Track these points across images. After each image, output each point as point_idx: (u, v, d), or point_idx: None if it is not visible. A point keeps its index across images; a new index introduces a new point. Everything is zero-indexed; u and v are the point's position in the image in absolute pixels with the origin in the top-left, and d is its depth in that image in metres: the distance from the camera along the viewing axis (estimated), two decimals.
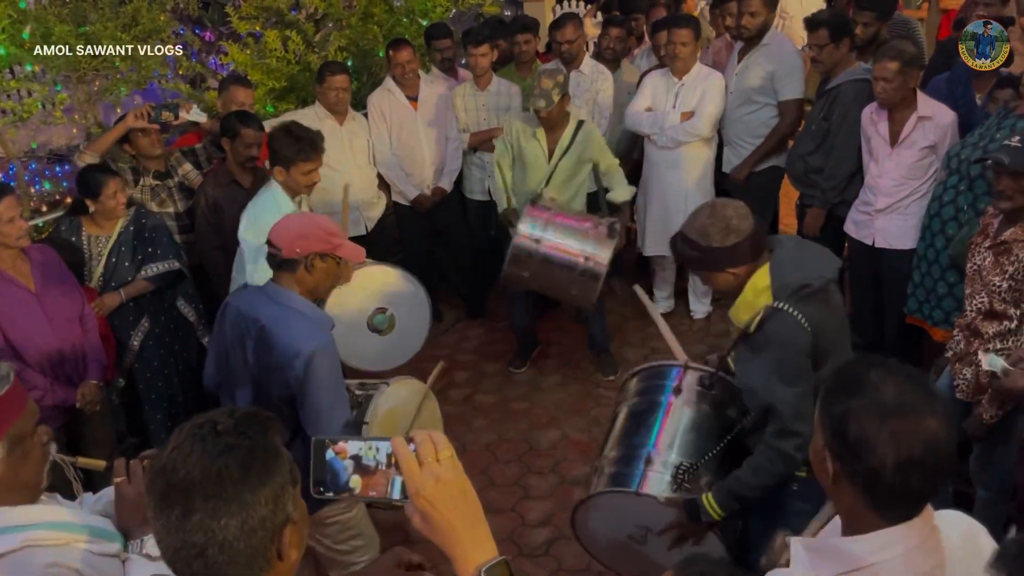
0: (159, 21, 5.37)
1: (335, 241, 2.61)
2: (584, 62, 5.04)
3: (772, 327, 2.24)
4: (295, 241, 2.56)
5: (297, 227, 2.60)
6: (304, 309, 2.59)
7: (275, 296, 2.60)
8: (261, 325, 2.57)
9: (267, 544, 1.18)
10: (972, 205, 3.61)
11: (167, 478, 1.17)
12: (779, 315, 2.22)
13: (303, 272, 2.58)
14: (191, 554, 1.15)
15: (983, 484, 3.07)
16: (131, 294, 3.87)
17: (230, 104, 4.32)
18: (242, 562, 1.16)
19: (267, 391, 2.60)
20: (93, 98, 5.31)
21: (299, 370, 2.49)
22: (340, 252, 2.63)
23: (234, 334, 2.68)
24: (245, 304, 2.67)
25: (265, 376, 2.60)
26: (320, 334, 2.55)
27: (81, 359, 3.47)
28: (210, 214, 4.04)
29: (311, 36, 5.64)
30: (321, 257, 2.59)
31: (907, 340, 4.27)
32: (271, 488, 1.18)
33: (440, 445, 1.15)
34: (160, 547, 1.19)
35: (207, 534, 1.14)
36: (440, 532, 1.14)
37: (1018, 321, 2.84)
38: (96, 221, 3.80)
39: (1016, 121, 3.45)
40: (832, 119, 4.37)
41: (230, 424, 1.21)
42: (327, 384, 2.53)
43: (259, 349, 2.59)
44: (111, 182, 3.71)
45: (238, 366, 2.69)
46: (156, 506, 1.17)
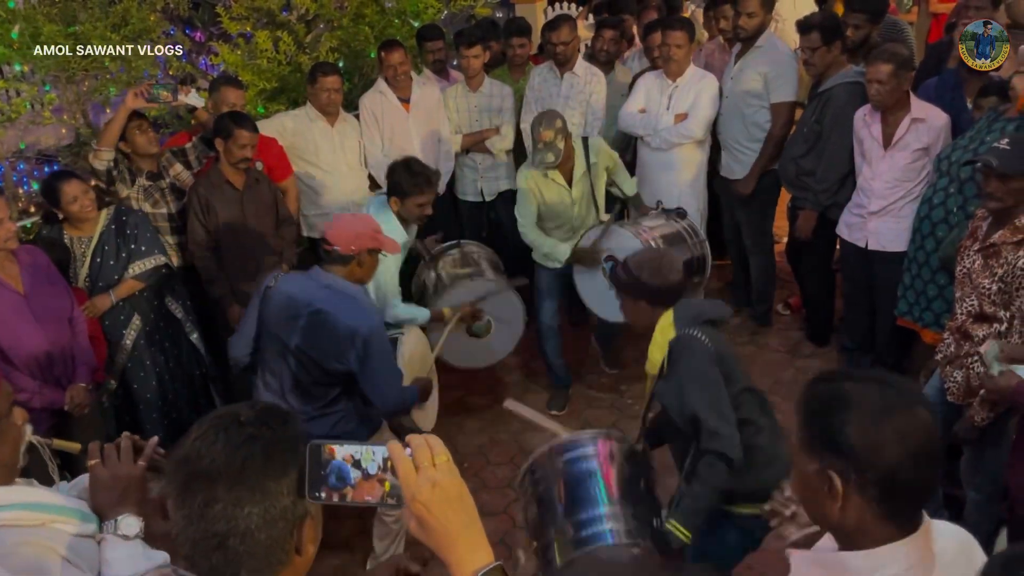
0: (149, 21, 5.34)
1: (381, 239, 3.08)
2: (577, 64, 5.04)
3: (678, 348, 2.53)
4: (351, 240, 3.01)
5: (352, 228, 3.04)
6: (356, 294, 3.03)
7: (327, 282, 3.01)
8: (317, 308, 2.96)
9: (287, 536, 1.19)
10: (962, 207, 3.62)
11: (190, 467, 1.17)
12: (682, 337, 2.53)
13: (354, 265, 3.03)
14: (211, 545, 1.15)
15: (974, 487, 3.08)
16: (122, 295, 3.85)
17: (221, 105, 4.30)
18: (261, 554, 1.16)
19: (313, 365, 2.99)
20: (82, 98, 5.27)
21: (359, 348, 2.92)
22: (383, 247, 3.10)
23: (281, 316, 3.04)
24: (297, 289, 3.04)
25: (315, 352, 2.98)
26: (372, 316, 3.02)
27: (70, 361, 3.45)
28: (202, 215, 4.03)
29: (302, 37, 5.62)
30: (369, 252, 3.05)
31: (898, 343, 4.29)
32: (292, 479, 1.19)
33: (436, 449, 1.15)
34: (179, 540, 1.19)
35: (229, 523, 1.14)
36: (436, 537, 1.13)
37: (1008, 323, 2.86)
38: (72, 224, 3.78)
39: (1006, 124, 3.48)
40: (824, 122, 4.38)
41: (252, 416, 1.22)
42: (385, 357, 3.01)
43: (312, 330, 2.97)
44: (67, 188, 3.66)
45: (278, 344, 3.05)
46: (178, 495, 1.17)
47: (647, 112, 4.89)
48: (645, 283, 2.65)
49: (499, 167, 5.25)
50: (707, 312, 2.63)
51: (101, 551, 1.60)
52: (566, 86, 5.01)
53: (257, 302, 3.15)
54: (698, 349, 2.50)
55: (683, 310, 2.63)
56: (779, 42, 4.88)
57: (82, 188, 3.71)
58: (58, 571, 1.54)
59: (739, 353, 4.87)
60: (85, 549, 1.59)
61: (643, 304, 2.69)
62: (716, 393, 2.47)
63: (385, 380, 3.03)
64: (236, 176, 4.06)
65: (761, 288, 5.25)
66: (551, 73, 5.07)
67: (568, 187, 4.28)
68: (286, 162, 4.63)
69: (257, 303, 3.15)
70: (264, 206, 4.18)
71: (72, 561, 1.55)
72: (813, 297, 5.01)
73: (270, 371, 3.14)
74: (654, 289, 2.65)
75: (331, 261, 3.03)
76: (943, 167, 3.71)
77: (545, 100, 5.03)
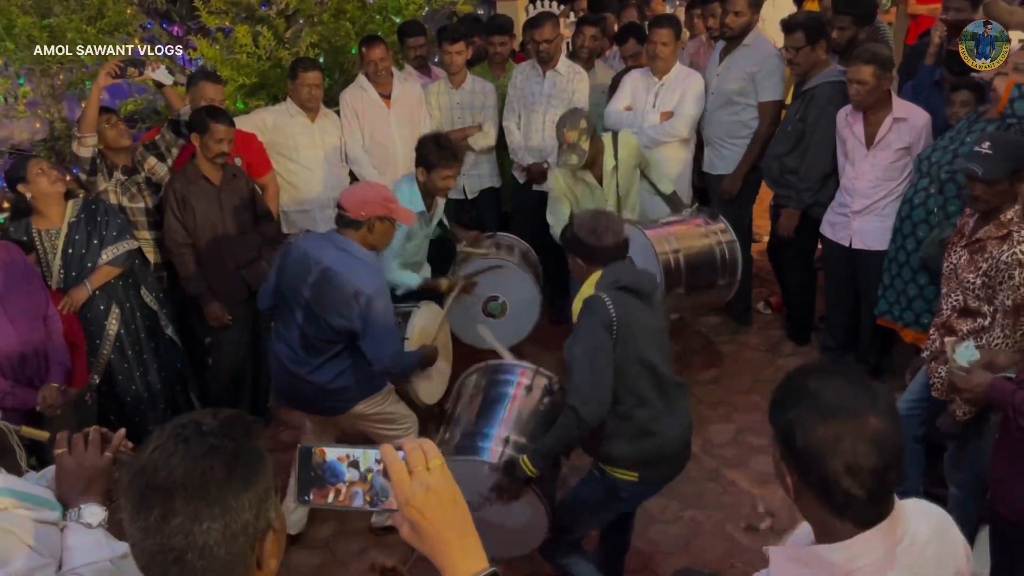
0: (125, 14, 5.25)
1: (391, 207, 3.21)
2: (560, 62, 5.02)
3: (583, 307, 2.71)
4: (361, 206, 3.16)
5: (362, 195, 3.21)
6: (365, 257, 3.18)
7: (340, 244, 3.18)
8: (326, 267, 3.14)
9: (247, 551, 1.14)
10: (943, 207, 3.65)
11: (147, 478, 1.11)
12: (591, 298, 2.70)
13: (365, 231, 3.18)
14: (168, 559, 1.10)
15: (956, 483, 3.10)
16: (98, 282, 3.80)
17: (199, 100, 4.24)
18: (220, 569, 1.11)
19: (320, 319, 3.18)
20: (57, 92, 5.19)
21: (361, 306, 3.09)
22: (396, 216, 3.24)
23: (295, 270, 3.22)
24: (313, 247, 3.23)
25: (320, 308, 3.16)
26: (378, 278, 3.18)
27: (43, 361, 3.38)
28: (178, 211, 3.97)
29: (282, 32, 5.56)
30: (380, 220, 3.19)
31: (879, 342, 4.31)
32: (255, 493, 1.14)
33: (430, 454, 1.12)
34: (134, 551, 1.14)
35: (187, 538, 1.09)
36: (429, 542, 1.10)
37: (991, 318, 2.88)
38: (41, 212, 3.71)
39: (986, 124, 3.50)
40: (808, 120, 4.39)
41: (215, 425, 1.16)
42: (385, 318, 3.15)
43: (320, 286, 3.15)
44: (32, 163, 3.65)
45: (292, 296, 3.24)
46: (133, 507, 1.12)
47: (633, 110, 4.88)
48: (580, 240, 2.79)
49: (482, 165, 5.23)
50: (624, 280, 2.72)
51: (63, 538, 1.60)
52: (549, 84, 4.99)
53: (279, 256, 3.39)
54: (597, 311, 2.64)
55: (608, 274, 2.74)
56: (766, 41, 4.88)
57: (45, 165, 3.68)
58: (20, 557, 1.53)
59: (720, 351, 4.98)
60: (47, 536, 1.59)
61: (578, 261, 2.85)
62: (594, 355, 2.62)
63: (383, 339, 3.16)
64: (213, 171, 4.00)
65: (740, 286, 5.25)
66: (534, 71, 5.05)
67: (600, 186, 4.25)
68: (266, 158, 4.59)
69: (280, 257, 3.37)
70: (242, 201, 4.13)
71: (34, 547, 1.55)
72: (794, 296, 5.02)
73: (283, 322, 3.35)
74: (587, 248, 2.78)
75: (344, 225, 3.20)
76: (923, 167, 3.73)
77: (528, 99, 5.01)
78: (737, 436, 4.24)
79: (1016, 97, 3.31)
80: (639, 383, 2.72)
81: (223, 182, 4.04)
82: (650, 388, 2.74)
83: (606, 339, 2.64)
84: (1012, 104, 3.32)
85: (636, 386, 2.71)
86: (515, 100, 5.06)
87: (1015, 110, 3.32)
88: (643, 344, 2.70)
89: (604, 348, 2.64)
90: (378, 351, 3.18)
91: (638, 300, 2.73)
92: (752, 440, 4.15)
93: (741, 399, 4.48)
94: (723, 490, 3.87)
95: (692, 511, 3.74)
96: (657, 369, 2.74)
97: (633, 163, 4.34)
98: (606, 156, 4.24)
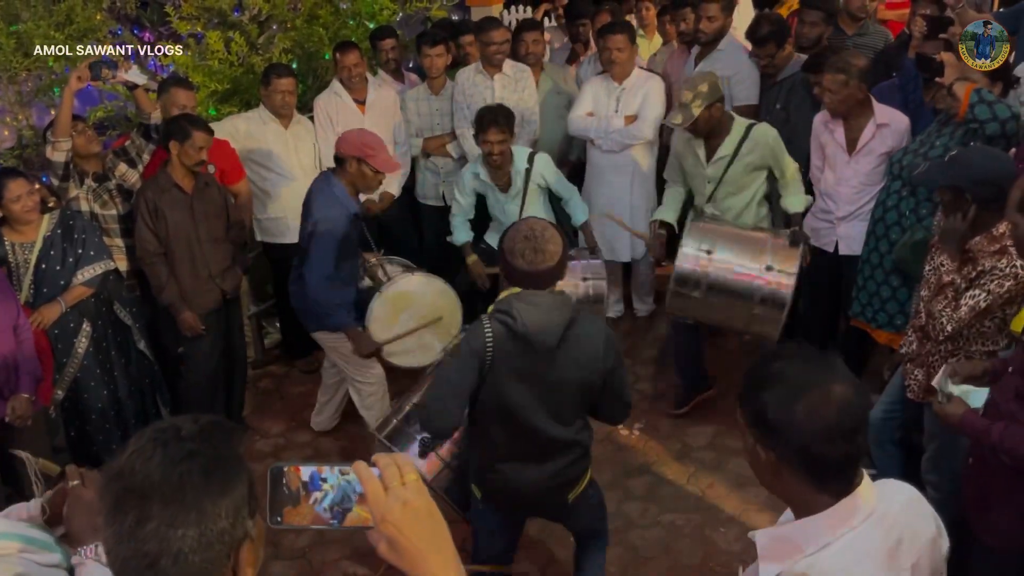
0: (95, 20, 5.19)
1: (367, 152, 3.57)
2: (505, 64, 4.99)
3: (471, 325, 2.72)
4: (340, 143, 3.64)
5: (347, 135, 3.67)
6: (336, 192, 3.62)
7: (325, 178, 3.71)
8: (311, 189, 3.74)
9: (223, 560, 1.12)
10: (914, 210, 3.67)
11: (123, 482, 1.09)
12: (478, 321, 2.62)
13: (347, 171, 3.61)
14: (142, 564, 1.08)
15: (933, 486, 3.10)
16: (71, 302, 3.73)
17: (171, 106, 4.18)
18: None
19: (303, 237, 3.72)
20: (25, 99, 5.11)
21: (308, 228, 3.60)
22: (372, 161, 3.57)
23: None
24: (320, 176, 3.79)
25: (301, 226, 3.75)
26: (335, 209, 3.58)
27: (13, 371, 3.33)
28: (150, 219, 3.91)
29: (255, 38, 5.51)
30: (358, 161, 3.58)
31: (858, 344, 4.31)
32: (232, 500, 1.12)
33: (405, 468, 1.11)
34: (108, 557, 1.12)
35: (162, 543, 1.07)
36: (407, 557, 1.08)
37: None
38: (13, 227, 3.64)
39: (955, 128, 3.53)
40: (791, 107, 4.46)
41: (194, 430, 1.14)
42: (323, 249, 3.58)
43: (304, 207, 3.73)
44: (12, 184, 3.54)
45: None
46: (109, 511, 1.10)
47: (595, 115, 4.89)
48: (501, 249, 2.67)
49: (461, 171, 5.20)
50: (517, 325, 2.50)
51: (78, 575, 1.53)
52: (499, 86, 4.97)
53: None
54: (473, 337, 2.57)
55: (510, 302, 2.54)
56: (740, 46, 4.92)
57: (27, 188, 3.59)
58: None
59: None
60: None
61: (502, 271, 2.75)
62: (450, 375, 2.60)
63: (314, 266, 3.60)
64: (186, 179, 3.95)
65: None
66: (480, 75, 5.00)
67: (705, 164, 4.10)
68: (238, 164, 4.55)
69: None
70: (214, 209, 4.08)
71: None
72: None
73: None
74: (502, 260, 2.65)
75: (336, 162, 3.65)
76: (895, 170, 3.75)
77: (480, 103, 4.91)
78: (714, 439, 4.25)
79: (976, 102, 3.34)
80: (492, 426, 2.65)
81: (195, 190, 3.99)
82: (501, 432, 2.65)
83: (469, 360, 2.54)
84: (972, 109, 3.35)
85: (489, 425, 2.66)
86: (465, 107, 4.99)
87: (976, 114, 3.34)
88: (512, 389, 2.56)
89: (461, 368, 2.56)
90: (308, 274, 3.62)
91: (529, 346, 2.52)
92: (729, 443, 4.17)
93: (718, 402, 4.50)
94: (701, 493, 3.89)
95: (671, 515, 3.75)
96: (520, 417, 2.58)
97: (755, 161, 4.03)
98: (727, 141, 4.00)
